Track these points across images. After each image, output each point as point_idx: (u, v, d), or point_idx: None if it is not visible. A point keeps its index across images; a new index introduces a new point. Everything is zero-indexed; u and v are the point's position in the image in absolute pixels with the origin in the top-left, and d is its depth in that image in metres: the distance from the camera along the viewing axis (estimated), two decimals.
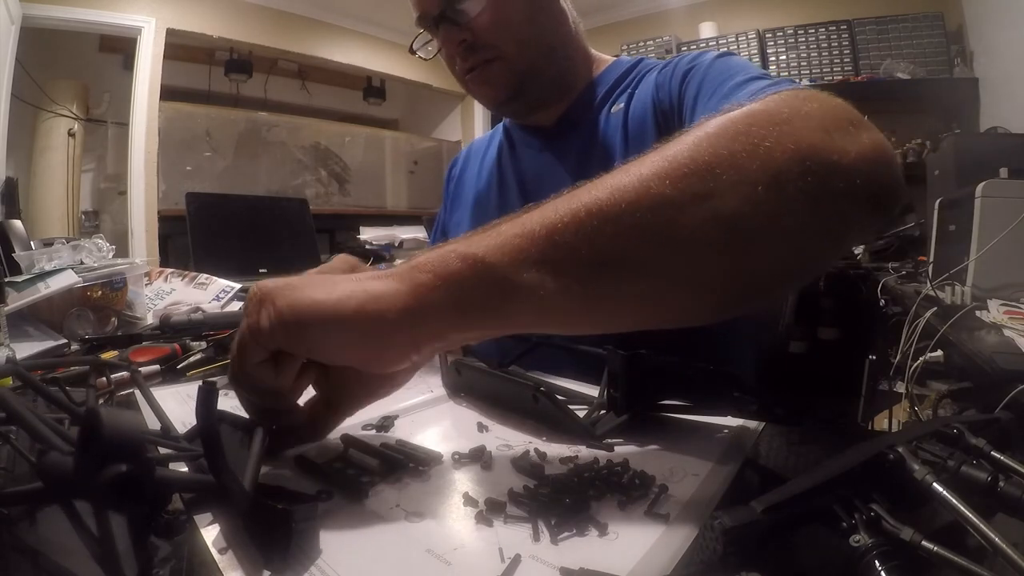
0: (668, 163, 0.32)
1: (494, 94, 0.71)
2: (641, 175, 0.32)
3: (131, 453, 0.23)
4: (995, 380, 0.75)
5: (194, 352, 0.67)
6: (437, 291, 0.31)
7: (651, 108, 0.67)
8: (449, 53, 0.70)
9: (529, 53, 0.68)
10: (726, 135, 0.32)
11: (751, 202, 0.30)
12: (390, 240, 2.59)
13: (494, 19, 0.65)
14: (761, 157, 0.31)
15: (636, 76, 0.74)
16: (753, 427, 0.43)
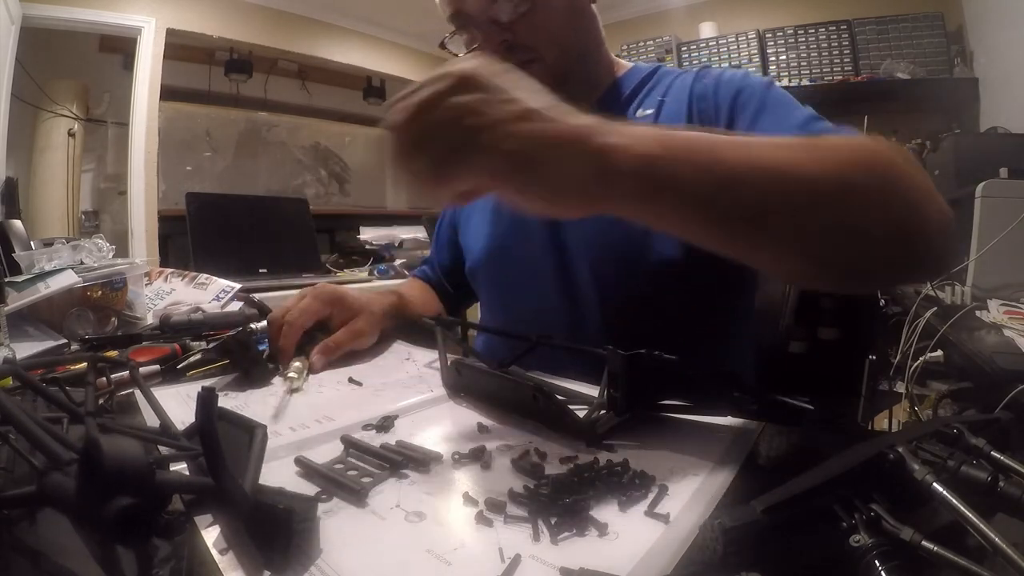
0: (832, 167, 0.40)
1: None
2: (811, 160, 0.40)
3: (136, 484, 0.23)
4: (995, 380, 0.75)
5: (194, 352, 0.66)
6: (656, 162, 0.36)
7: (686, 117, 0.68)
8: (486, 53, 0.69)
9: (566, 57, 0.70)
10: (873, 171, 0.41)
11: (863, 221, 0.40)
12: (390, 240, 2.59)
13: (536, 22, 0.66)
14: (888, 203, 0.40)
15: (657, 82, 0.76)
16: (753, 427, 0.43)
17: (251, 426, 0.33)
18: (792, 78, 3.05)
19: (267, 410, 0.50)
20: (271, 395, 0.55)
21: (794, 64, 3.06)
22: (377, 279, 1.97)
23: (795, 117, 0.58)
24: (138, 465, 0.23)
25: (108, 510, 0.22)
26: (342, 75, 4.67)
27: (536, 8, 0.66)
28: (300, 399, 0.53)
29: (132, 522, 0.22)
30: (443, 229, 0.95)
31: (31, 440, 0.27)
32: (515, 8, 0.65)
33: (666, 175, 0.37)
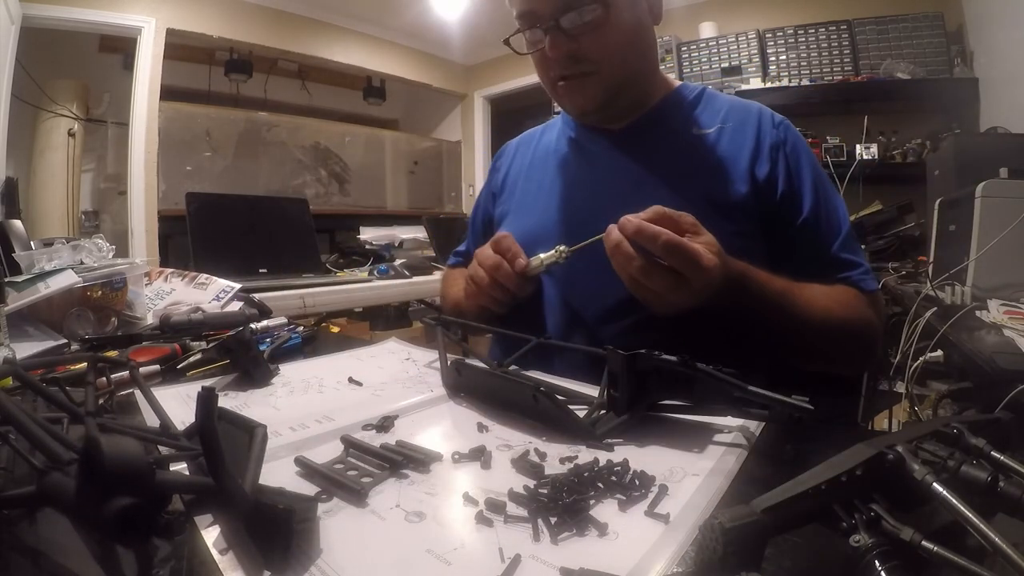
0: (847, 322, 0.67)
1: (584, 104, 0.75)
2: (832, 316, 0.66)
3: (136, 484, 0.23)
4: (995, 380, 0.75)
5: (194, 352, 0.66)
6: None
7: (751, 152, 0.73)
8: (547, 57, 0.71)
9: (623, 74, 0.72)
10: (863, 332, 0.70)
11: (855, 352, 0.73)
12: (390, 240, 2.58)
13: (602, 37, 0.68)
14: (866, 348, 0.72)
15: (707, 103, 0.80)
16: (753, 427, 0.43)
17: (251, 426, 0.33)
18: (792, 78, 3.05)
19: (267, 410, 0.50)
20: (271, 395, 0.55)
21: (794, 64, 3.05)
22: (377, 279, 1.96)
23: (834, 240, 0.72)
24: (138, 465, 0.23)
25: (108, 510, 0.22)
26: (342, 75, 4.68)
27: (605, 22, 0.67)
28: (300, 399, 0.53)
29: (132, 522, 0.22)
30: (478, 222, 0.96)
31: (31, 440, 0.27)
32: (584, 19, 0.67)
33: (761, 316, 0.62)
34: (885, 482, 0.26)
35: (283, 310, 1.29)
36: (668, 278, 0.52)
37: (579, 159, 0.82)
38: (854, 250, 0.73)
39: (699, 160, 0.73)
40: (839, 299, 0.68)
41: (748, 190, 0.70)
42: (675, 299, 0.53)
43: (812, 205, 0.71)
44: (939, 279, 1.25)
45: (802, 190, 0.72)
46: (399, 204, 4.77)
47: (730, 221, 0.68)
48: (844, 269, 0.71)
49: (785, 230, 0.71)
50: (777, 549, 0.26)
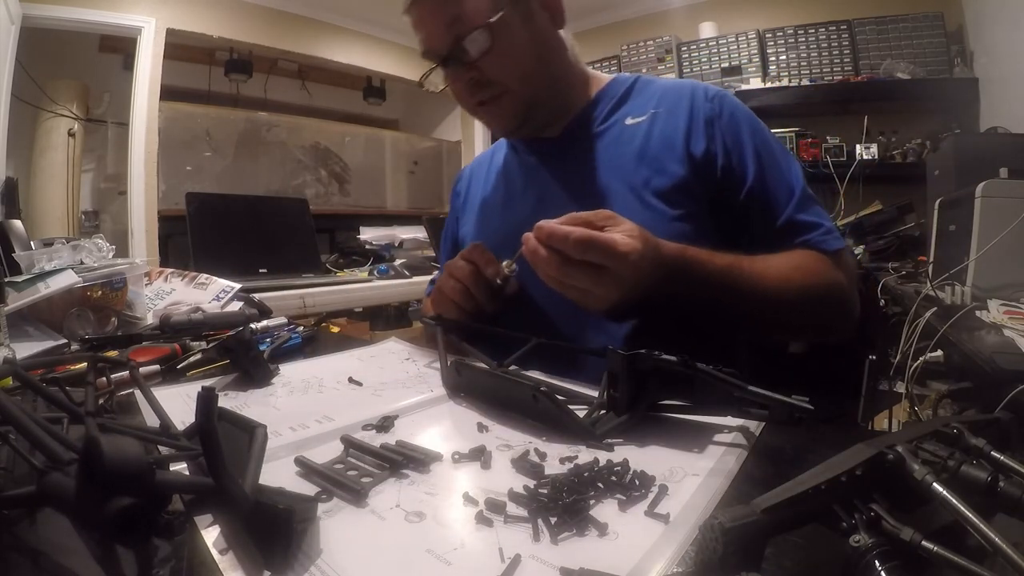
0: (807, 288, 0.65)
1: (504, 124, 0.77)
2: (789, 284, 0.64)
3: (136, 484, 0.23)
4: (995, 380, 0.75)
5: (194, 352, 0.66)
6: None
7: (684, 133, 0.72)
8: (458, 88, 0.73)
9: (533, 86, 0.73)
10: (828, 295, 0.67)
11: (824, 317, 0.70)
12: (390, 240, 2.58)
13: (499, 58, 0.69)
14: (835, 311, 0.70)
15: (640, 91, 0.80)
16: (753, 427, 0.43)
17: (251, 426, 0.33)
18: (792, 78, 3.05)
19: (267, 410, 0.50)
20: (271, 395, 0.55)
21: (794, 64, 3.05)
22: (377, 279, 1.96)
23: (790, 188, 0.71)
24: (138, 465, 0.23)
25: (108, 510, 0.22)
26: (342, 75, 4.67)
27: (497, 45, 0.68)
28: (300, 399, 0.53)
29: (132, 522, 0.22)
30: (448, 248, 0.98)
31: (31, 440, 0.27)
32: (477, 48, 0.68)
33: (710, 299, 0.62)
34: (885, 482, 0.26)
35: (283, 310, 1.29)
36: (588, 273, 0.52)
37: (523, 173, 0.83)
38: (812, 211, 0.71)
39: (635, 150, 0.73)
40: (798, 264, 0.66)
41: (687, 170, 0.70)
42: (603, 292, 0.53)
43: (756, 172, 0.70)
44: (939, 279, 1.25)
45: (744, 159, 0.70)
46: (399, 204, 4.77)
47: (673, 206, 0.68)
48: (803, 232, 0.69)
49: (733, 203, 0.70)
50: (777, 549, 0.26)
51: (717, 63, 3.24)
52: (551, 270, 0.53)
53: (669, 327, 0.60)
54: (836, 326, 0.72)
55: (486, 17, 0.66)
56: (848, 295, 0.70)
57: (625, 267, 0.51)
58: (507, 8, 0.68)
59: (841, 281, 0.68)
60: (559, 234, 0.51)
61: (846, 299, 0.70)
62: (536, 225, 0.53)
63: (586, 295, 0.54)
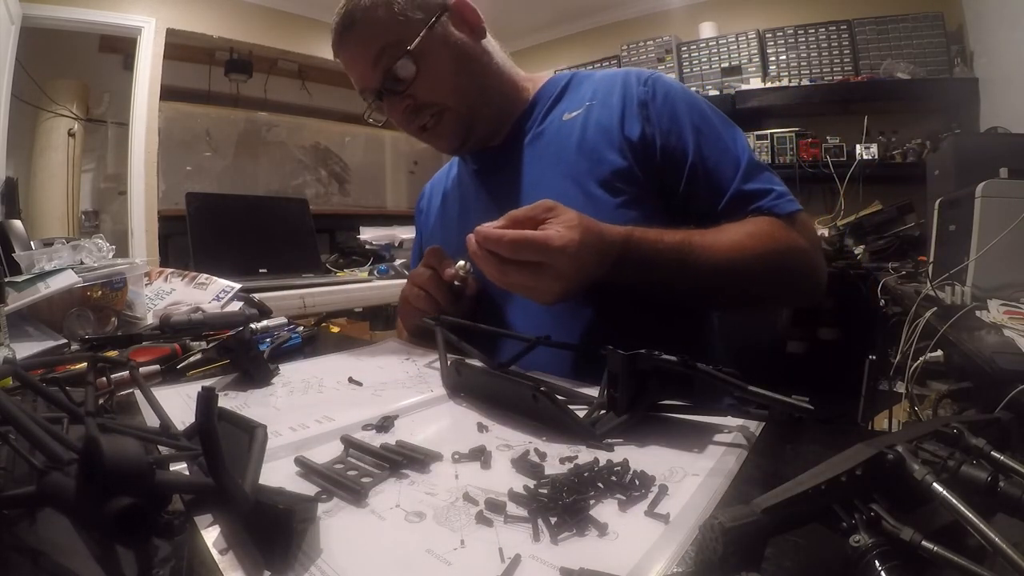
0: (762, 253, 0.63)
1: (449, 144, 0.79)
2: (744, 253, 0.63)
3: (136, 484, 0.23)
4: (995, 380, 0.75)
5: (194, 352, 0.66)
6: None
7: (619, 118, 0.72)
8: (397, 118, 0.76)
9: (468, 99, 0.75)
10: (787, 258, 0.66)
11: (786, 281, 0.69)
12: (390, 240, 2.58)
13: (427, 80, 0.72)
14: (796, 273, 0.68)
15: (577, 86, 0.81)
16: (753, 427, 0.43)
17: (251, 426, 0.33)
18: (792, 78, 3.05)
19: (267, 410, 0.50)
20: (271, 395, 0.55)
21: (794, 64, 3.05)
22: (377, 279, 1.96)
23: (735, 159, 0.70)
24: (138, 465, 0.23)
25: (108, 510, 0.22)
26: (342, 75, 4.63)
27: (423, 69, 0.71)
28: (300, 399, 0.53)
29: (132, 522, 0.22)
30: (415, 261, 1.00)
31: (31, 440, 0.27)
32: (405, 74, 0.71)
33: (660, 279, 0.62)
34: (885, 482, 0.26)
35: (283, 310, 1.29)
36: (527, 271, 0.53)
37: (473, 183, 0.86)
38: (760, 178, 0.70)
39: (573, 144, 0.74)
40: (750, 231, 0.64)
41: (626, 156, 0.70)
42: (545, 287, 0.54)
43: (696, 148, 0.69)
44: (939, 279, 1.25)
45: (682, 137, 0.70)
46: (399, 204, 4.77)
47: (615, 193, 0.69)
48: (753, 200, 0.68)
49: (677, 184, 0.70)
50: (777, 549, 0.26)
51: (717, 63, 3.24)
52: (491, 272, 0.55)
53: (629, 312, 0.62)
54: (801, 289, 0.70)
55: (406, 45, 0.70)
56: (809, 255, 0.68)
57: (563, 261, 0.52)
58: (425, 32, 0.71)
59: (799, 242, 0.67)
60: (493, 237, 0.53)
61: (807, 260, 0.68)
62: (475, 229, 0.54)
63: (530, 291, 0.55)
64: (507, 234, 0.52)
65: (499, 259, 0.53)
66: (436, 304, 0.69)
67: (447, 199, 0.92)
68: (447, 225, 0.90)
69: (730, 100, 2.98)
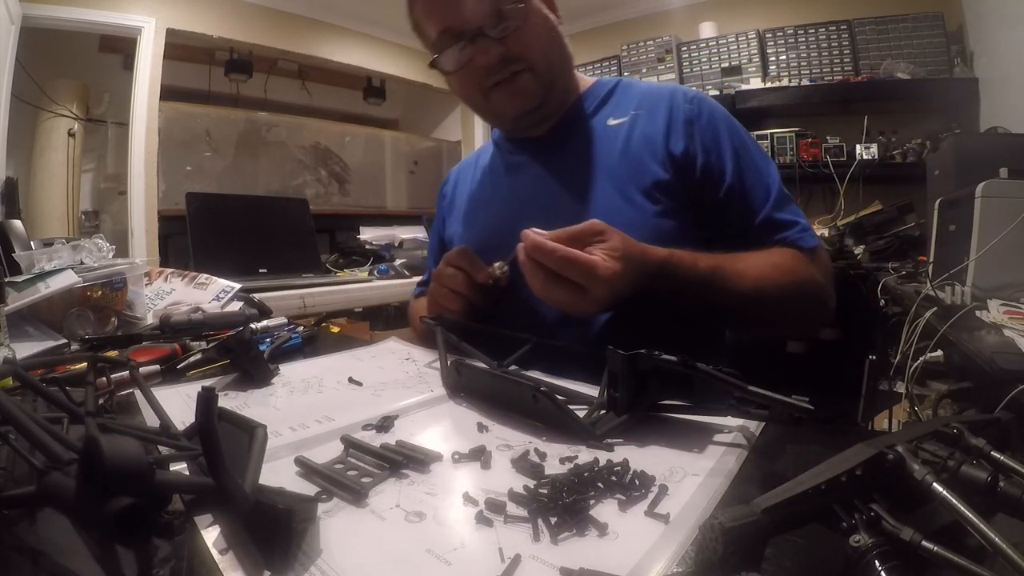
0: (784, 285, 0.67)
1: (523, 104, 0.76)
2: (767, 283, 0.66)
3: (136, 484, 0.23)
4: (995, 380, 0.75)
5: (194, 352, 0.66)
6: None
7: (664, 133, 0.74)
8: (479, 66, 0.72)
9: (552, 67, 0.76)
10: (804, 291, 0.70)
11: (801, 313, 0.73)
12: (390, 240, 2.58)
13: (526, 34, 0.71)
14: (810, 304, 0.73)
15: (623, 94, 0.82)
16: (753, 427, 0.43)
17: (251, 426, 0.33)
18: (792, 78, 3.04)
19: (267, 410, 0.50)
20: (271, 395, 0.55)
21: (794, 64, 3.05)
22: (377, 279, 1.96)
23: (765, 202, 0.73)
24: (138, 465, 0.23)
25: (108, 510, 0.22)
26: (342, 75, 4.67)
27: (526, 20, 0.70)
28: (300, 399, 0.53)
29: (132, 522, 0.22)
30: (435, 249, 0.99)
31: (31, 440, 0.27)
32: (506, 25, 0.70)
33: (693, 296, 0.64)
34: (885, 482, 0.26)
35: (283, 310, 1.29)
36: (569, 290, 0.55)
37: (510, 173, 0.85)
38: (788, 209, 0.74)
39: (617, 150, 0.75)
40: (776, 263, 0.69)
41: (667, 169, 0.72)
42: (583, 308, 0.57)
43: (734, 171, 0.72)
44: (939, 279, 1.25)
45: (723, 159, 0.73)
46: (399, 204, 4.77)
47: (654, 203, 0.71)
48: (780, 230, 0.72)
49: (712, 201, 0.72)
50: (777, 549, 0.26)
51: (717, 63, 3.24)
52: (534, 282, 0.57)
53: (651, 318, 0.63)
54: (813, 319, 0.77)
55: None
56: (824, 290, 0.73)
57: (603, 289, 0.55)
58: None
59: (817, 277, 0.71)
60: (545, 248, 0.54)
61: (822, 294, 0.73)
62: (523, 233, 0.56)
63: (564, 305, 0.57)
64: (559, 249, 0.54)
65: (544, 271, 0.55)
66: (470, 305, 0.71)
67: (476, 186, 0.91)
68: (474, 211, 0.89)
69: (730, 100, 2.97)
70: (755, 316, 0.70)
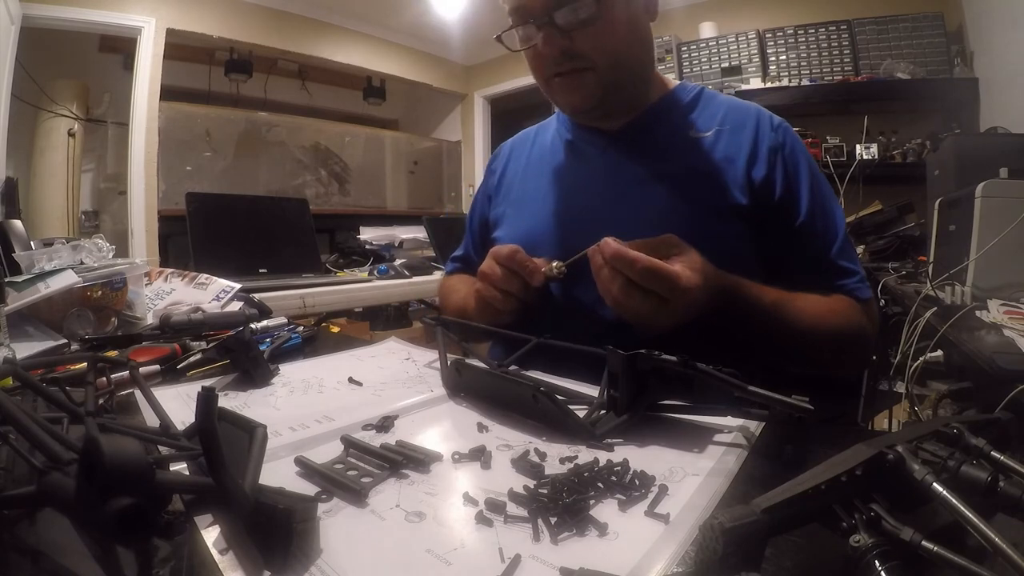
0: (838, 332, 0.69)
1: (579, 102, 0.75)
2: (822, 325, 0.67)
3: (136, 484, 0.23)
4: (995, 380, 0.75)
5: (194, 352, 0.66)
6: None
7: (747, 156, 0.72)
8: (542, 54, 0.70)
9: (619, 71, 0.72)
10: (854, 340, 0.71)
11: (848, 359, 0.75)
12: (390, 240, 2.59)
13: (596, 32, 0.68)
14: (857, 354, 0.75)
15: (706, 104, 0.80)
16: (753, 427, 0.43)
17: (251, 426, 0.33)
18: (792, 78, 3.05)
19: (267, 410, 0.50)
20: (271, 395, 0.55)
21: (794, 64, 3.06)
22: (377, 279, 1.96)
23: (831, 247, 0.73)
24: (138, 465, 0.23)
25: (108, 510, 0.22)
26: (342, 75, 4.68)
27: (599, 18, 0.67)
28: (300, 399, 0.53)
29: (132, 522, 0.22)
30: (475, 224, 0.95)
31: (31, 440, 0.27)
32: (577, 16, 0.66)
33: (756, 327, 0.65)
34: (885, 482, 0.26)
35: (283, 310, 1.29)
36: (649, 301, 0.53)
37: (574, 161, 0.81)
38: (851, 257, 0.74)
39: (696, 163, 0.73)
40: (834, 308, 0.69)
41: (745, 193, 0.70)
42: (660, 321, 0.54)
43: (809, 209, 0.71)
44: (939, 279, 1.25)
45: (799, 194, 0.72)
46: (399, 204, 4.77)
47: (726, 224, 0.69)
48: (841, 277, 0.72)
49: (782, 233, 0.71)
50: (777, 549, 0.26)
51: (717, 63, 3.24)
52: (615, 291, 0.54)
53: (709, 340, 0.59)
54: (852, 367, 0.81)
55: None
56: (870, 342, 0.75)
57: (684, 301, 0.53)
58: None
59: (867, 329, 0.72)
60: (628, 258, 0.52)
61: (868, 346, 0.75)
62: (603, 242, 0.53)
63: (641, 318, 0.55)
64: (642, 258, 0.52)
65: (625, 280, 0.53)
66: (523, 306, 0.67)
67: (531, 166, 0.87)
68: (525, 193, 0.84)
69: None
70: (807, 356, 0.70)
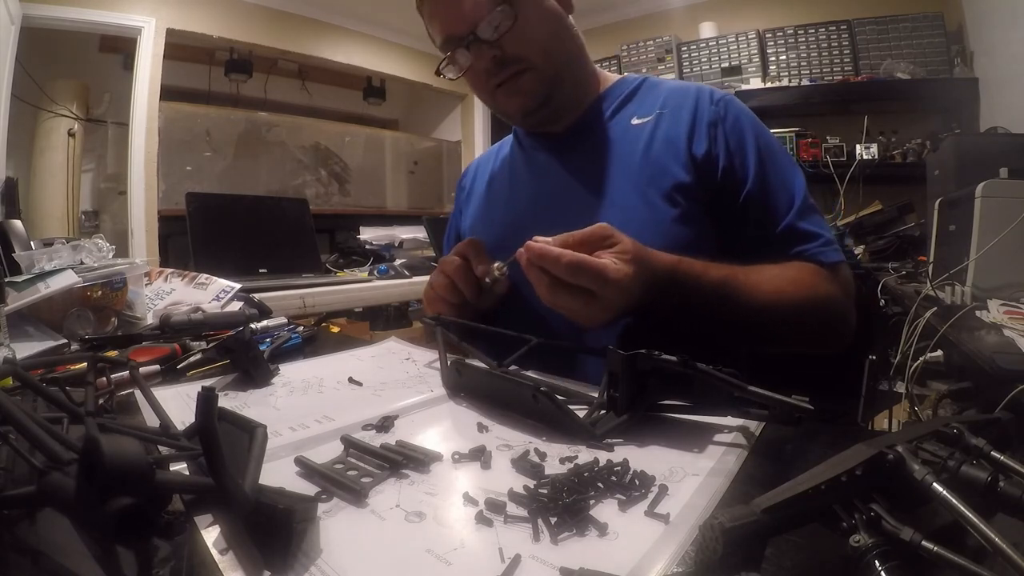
0: (801, 302, 0.65)
1: (525, 103, 0.75)
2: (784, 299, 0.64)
3: (136, 484, 0.23)
4: (995, 380, 0.75)
5: (194, 352, 0.66)
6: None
7: (687, 134, 0.72)
8: (479, 70, 0.72)
9: (554, 62, 0.73)
10: (823, 310, 0.67)
11: (819, 332, 0.69)
12: (390, 240, 2.59)
13: (520, 34, 0.69)
14: (828, 324, 0.69)
15: (647, 92, 0.80)
16: (753, 427, 0.43)
17: (251, 426, 0.33)
18: (792, 78, 3.05)
19: (267, 410, 0.50)
20: (271, 395, 0.55)
21: (794, 64, 3.06)
22: (377, 279, 1.96)
23: (791, 195, 0.71)
24: (138, 465, 0.23)
25: (108, 510, 0.22)
26: (342, 75, 4.67)
27: (517, 23, 0.68)
28: (300, 399, 0.53)
29: (132, 522, 0.22)
30: (450, 239, 0.98)
31: (31, 440, 0.27)
32: (497, 27, 0.68)
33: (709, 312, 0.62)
34: (885, 482, 0.26)
35: (283, 310, 1.29)
36: (579, 297, 0.52)
37: (527, 168, 0.84)
38: (812, 220, 0.71)
39: (638, 150, 0.73)
40: (794, 277, 0.66)
41: (688, 171, 0.70)
42: (593, 315, 0.54)
43: (757, 176, 0.70)
44: (939, 279, 1.25)
45: (746, 163, 0.70)
46: (399, 204, 4.77)
47: (673, 206, 0.69)
48: (801, 242, 0.69)
49: (732, 206, 0.70)
50: (777, 549, 0.26)
51: (717, 63, 3.24)
52: (541, 290, 0.54)
53: (665, 328, 0.60)
54: (830, 340, 0.71)
55: None
56: (843, 310, 0.69)
57: (614, 293, 0.52)
58: None
59: (837, 296, 0.68)
60: (550, 256, 0.51)
61: (841, 314, 0.69)
62: (527, 244, 0.53)
63: (574, 314, 0.54)
64: (565, 255, 0.51)
65: (551, 278, 0.52)
66: (460, 295, 0.68)
67: (494, 180, 0.90)
68: (491, 206, 0.87)
69: None
70: (768, 333, 0.66)
